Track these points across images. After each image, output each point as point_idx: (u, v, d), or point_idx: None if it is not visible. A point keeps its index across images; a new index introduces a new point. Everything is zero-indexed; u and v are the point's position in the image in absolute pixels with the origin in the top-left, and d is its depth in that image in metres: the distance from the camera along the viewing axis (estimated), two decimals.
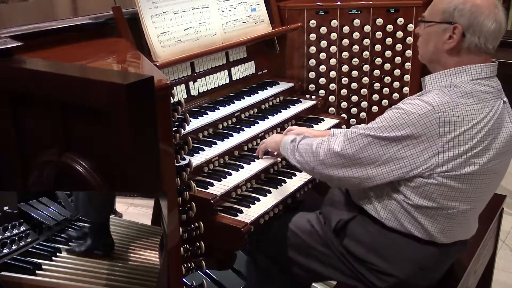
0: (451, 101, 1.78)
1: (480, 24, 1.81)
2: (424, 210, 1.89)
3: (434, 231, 1.91)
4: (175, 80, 2.41)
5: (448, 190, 1.84)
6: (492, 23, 1.81)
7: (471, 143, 1.79)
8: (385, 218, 1.96)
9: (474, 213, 1.97)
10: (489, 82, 1.86)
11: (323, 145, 1.97)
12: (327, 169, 1.95)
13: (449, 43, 1.85)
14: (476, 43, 1.83)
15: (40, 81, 1.53)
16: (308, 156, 2.01)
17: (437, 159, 1.79)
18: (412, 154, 1.80)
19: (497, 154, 1.85)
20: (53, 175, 1.60)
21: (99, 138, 1.47)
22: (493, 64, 1.88)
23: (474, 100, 1.81)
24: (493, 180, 1.91)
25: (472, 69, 1.84)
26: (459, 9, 1.82)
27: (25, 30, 1.87)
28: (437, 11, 1.89)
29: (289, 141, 2.14)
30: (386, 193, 1.93)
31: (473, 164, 1.81)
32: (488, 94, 1.84)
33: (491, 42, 1.84)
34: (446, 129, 1.77)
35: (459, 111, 1.78)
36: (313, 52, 2.94)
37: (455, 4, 1.83)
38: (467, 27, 1.82)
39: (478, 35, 1.82)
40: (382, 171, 1.85)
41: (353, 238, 2.04)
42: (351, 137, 1.88)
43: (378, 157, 1.84)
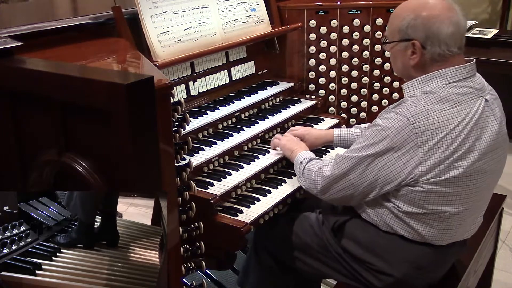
0: (425, 109, 1.79)
1: (436, 33, 1.82)
2: (415, 216, 1.89)
3: (428, 235, 1.92)
4: (175, 80, 2.41)
5: (435, 195, 1.84)
6: (449, 27, 1.82)
7: (451, 148, 1.79)
8: (379, 224, 1.98)
9: (470, 214, 1.95)
10: (466, 83, 1.85)
11: (319, 174, 2.02)
12: (326, 195, 2.02)
13: (413, 58, 1.88)
14: (439, 52, 1.84)
15: (40, 81, 1.53)
16: (310, 184, 2.07)
17: (420, 168, 1.80)
18: (396, 168, 1.82)
19: (482, 154, 1.84)
20: (53, 175, 1.60)
21: (99, 138, 1.47)
22: (468, 65, 1.88)
23: (450, 105, 1.81)
24: (486, 179, 1.90)
25: (446, 72, 1.85)
26: (411, 25, 1.85)
27: (25, 30, 1.87)
28: (394, 30, 1.92)
29: (298, 162, 2.18)
30: (377, 201, 1.95)
31: (457, 168, 1.81)
32: (465, 96, 1.83)
33: (454, 45, 1.84)
34: (424, 138, 1.78)
35: (434, 118, 1.78)
36: (313, 52, 2.94)
37: (407, 21, 1.86)
38: (424, 40, 1.84)
39: (438, 44, 1.83)
40: (373, 188, 1.88)
41: (350, 238, 2.05)
42: (338, 161, 1.94)
43: (366, 176, 1.87)
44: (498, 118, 1.92)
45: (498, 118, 1.92)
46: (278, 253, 2.24)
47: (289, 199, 2.24)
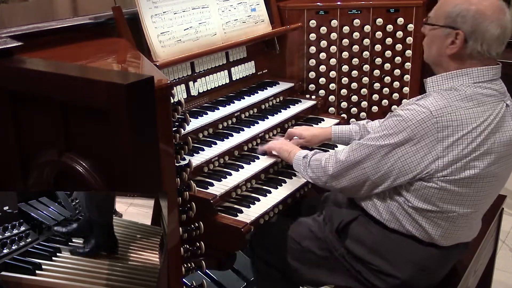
0: (449, 105, 1.78)
1: (483, 31, 1.78)
2: (425, 213, 1.88)
3: (435, 234, 1.91)
4: (175, 80, 2.41)
5: (448, 194, 1.83)
6: (496, 29, 1.78)
7: (470, 146, 1.78)
8: (387, 220, 1.96)
9: (476, 216, 1.96)
10: (491, 85, 1.84)
11: (331, 159, 2.00)
12: (337, 181, 1.99)
13: (451, 48, 1.84)
14: (479, 50, 1.80)
15: (40, 81, 1.53)
16: (319, 172, 2.04)
17: (437, 164, 1.79)
18: (413, 161, 1.80)
19: (498, 157, 1.83)
20: (53, 175, 1.60)
21: (99, 138, 1.47)
22: (495, 67, 1.86)
23: (473, 103, 1.79)
24: (495, 184, 1.90)
25: (473, 72, 1.82)
26: (462, 15, 1.79)
27: (25, 30, 1.87)
28: (441, 14, 1.86)
29: (301, 157, 2.16)
30: (388, 195, 1.93)
31: (473, 168, 1.80)
32: (489, 97, 1.82)
33: (495, 48, 1.81)
34: (445, 133, 1.76)
35: (458, 115, 1.77)
36: (313, 52, 2.94)
37: (459, 9, 1.80)
38: (469, 34, 1.79)
39: (481, 42, 1.79)
40: (386, 179, 1.87)
41: (354, 239, 2.04)
42: (355, 148, 1.92)
43: (381, 166, 1.85)
44: None
45: None
46: (276, 262, 2.19)
47: (289, 199, 2.23)
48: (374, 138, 1.87)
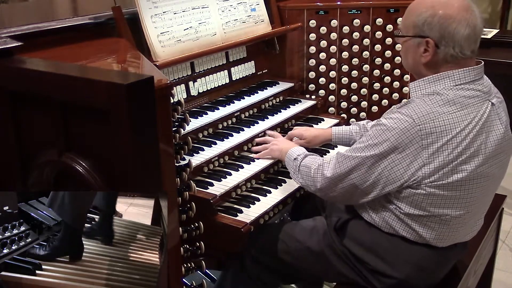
0: (432, 111, 1.77)
1: (452, 34, 1.77)
2: (417, 218, 1.88)
3: (430, 237, 1.91)
4: (175, 80, 2.41)
5: (438, 198, 1.83)
6: (465, 29, 1.77)
7: (456, 151, 1.77)
8: (380, 225, 1.96)
9: (471, 216, 1.95)
10: (473, 85, 1.82)
11: (318, 171, 1.99)
12: (326, 193, 2.00)
13: (425, 56, 1.83)
14: (452, 53, 1.80)
15: (40, 81, 1.53)
16: (309, 181, 2.04)
17: (423, 171, 1.78)
18: (399, 169, 1.80)
19: (487, 158, 1.82)
20: (53, 175, 1.60)
21: (99, 138, 1.47)
22: (477, 67, 1.84)
23: (456, 107, 1.78)
24: (489, 183, 1.89)
25: (454, 74, 1.81)
26: (428, 22, 1.79)
27: (25, 30, 1.87)
28: (408, 25, 1.87)
29: (292, 158, 2.15)
30: (379, 203, 1.94)
31: (461, 172, 1.79)
32: (472, 99, 1.81)
33: (468, 47, 1.80)
34: (429, 140, 1.75)
35: (441, 121, 1.76)
36: (313, 52, 2.94)
37: (424, 17, 1.80)
38: (439, 39, 1.79)
39: (452, 45, 1.78)
40: (374, 188, 1.87)
41: (352, 238, 2.03)
42: (340, 160, 1.91)
43: (368, 176, 1.85)
44: (504, 122, 1.89)
45: (504, 122, 1.89)
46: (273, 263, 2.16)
47: (289, 199, 2.23)
48: (358, 149, 1.87)
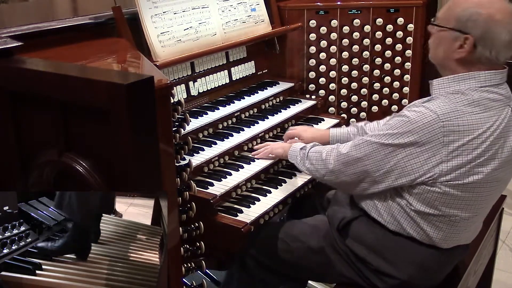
0: (457, 110, 1.75)
1: (493, 37, 1.73)
2: (426, 216, 1.88)
3: (436, 237, 1.91)
4: (175, 80, 2.41)
5: (451, 198, 1.82)
6: (506, 35, 1.74)
7: (476, 152, 1.76)
8: (388, 221, 1.95)
9: (477, 220, 1.96)
10: (497, 89, 1.80)
11: (332, 153, 1.98)
12: (337, 176, 1.97)
13: (459, 52, 1.79)
14: (487, 56, 1.76)
15: (40, 81, 1.53)
16: (319, 164, 2.02)
17: (440, 168, 1.77)
18: (416, 162, 1.79)
19: (502, 162, 1.82)
20: (53, 175, 1.60)
21: (99, 138, 1.47)
22: (502, 71, 1.82)
23: (480, 109, 1.77)
24: (497, 188, 1.89)
25: (480, 75, 1.79)
26: (473, 19, 1.74)
27: (25, 30, 1.87)
28: (450, 16, 1.81)
29: (298, 149, 2.15)
30: (389, 197, 1.93)
31: (477, 174, 1.79)
32: (495, 102, 1.79)
33: (504, 54, 1.77)
34: (451, 138, 1.74)
35: (465, 120, 1.74)
36: (313, 52, 2.94)
37: (470, 12, 1.75)
38: (479, 39, 1.75)
39: (490, 48, 1.75)
40: (387, 178, 1.86)
41: (355, 238, 2.03)
42: (358, 143, 1.90)
43: (383, 164, 1.84)
44: None
45: None
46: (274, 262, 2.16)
47: (289, 199, 2.24)
48: (378, 136, 1.85)
